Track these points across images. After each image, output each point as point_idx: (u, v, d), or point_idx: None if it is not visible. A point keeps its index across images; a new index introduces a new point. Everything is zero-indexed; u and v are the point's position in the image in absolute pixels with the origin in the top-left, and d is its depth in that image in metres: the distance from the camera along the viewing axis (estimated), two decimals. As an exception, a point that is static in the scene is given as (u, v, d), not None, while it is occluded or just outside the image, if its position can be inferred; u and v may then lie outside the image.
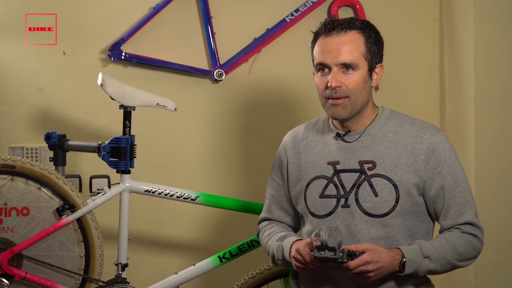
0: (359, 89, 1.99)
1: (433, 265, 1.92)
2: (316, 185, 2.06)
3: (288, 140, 2.19)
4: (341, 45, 1.97)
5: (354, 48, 1.97)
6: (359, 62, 1.98)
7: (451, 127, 3.02)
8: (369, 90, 2.03)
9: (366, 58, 1.99)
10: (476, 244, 1.99)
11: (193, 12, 2.98)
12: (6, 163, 2.43)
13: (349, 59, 1.97)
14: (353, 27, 1.99)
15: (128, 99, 2.47)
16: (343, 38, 1.98)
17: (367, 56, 1.99)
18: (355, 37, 1.98)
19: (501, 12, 2.79)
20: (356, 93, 1.98)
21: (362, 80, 1.99)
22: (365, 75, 2.00)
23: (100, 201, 2.47)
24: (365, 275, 1.86)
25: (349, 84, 1.97)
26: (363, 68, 1.99)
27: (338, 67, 1.97)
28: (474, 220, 1.99)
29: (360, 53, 1.98)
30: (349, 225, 2.00)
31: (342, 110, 2.00)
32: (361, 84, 1.99)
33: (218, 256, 2.54)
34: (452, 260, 1.94)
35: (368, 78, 2.01)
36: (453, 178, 1.99)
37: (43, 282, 2.42)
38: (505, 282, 2.81)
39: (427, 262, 1.91)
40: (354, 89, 1.98)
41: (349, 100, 1.99)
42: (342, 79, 1.97)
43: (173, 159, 3.02)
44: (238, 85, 3.02)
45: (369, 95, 2.04)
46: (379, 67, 2.05)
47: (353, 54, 1.97)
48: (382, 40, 2.06)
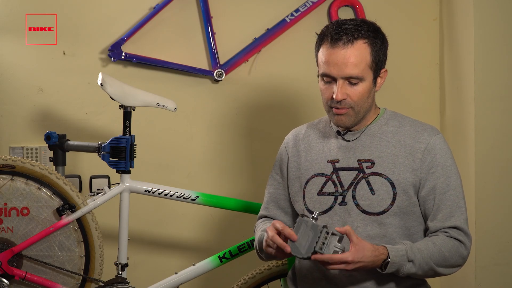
0: (364, 99, 1.99)
1: (414, 269, 1.91)
2: (315, 182, 2.06)
3: (290, 138, 2.20)
4: (347, 58, 1.94)
5: (360, 60, 1.95)
6: (364, 74, 1.97)
7: (451, 127, 3.02)
8: (373, 97, 2.03)
9: (372, 68, 1.98)
10: (462, 252, 1.97)
11: (193, 12, 2.98)
12: (6, 163, 2.43)
13: (355, 73, 1.95)
14: (359, 37, 1.96)
15: (128, 99, 2.47)
16: (349, 51, 1.95)
17: (372, 65, 1.98)
18: (361, 48, 1.96)
19: (501, 12, 2.79)
20: (360, 103, 1.99)
21: (367, 90, 1.98)
22: (370, 84, 1.99)
23: (100, 201, 2.47)
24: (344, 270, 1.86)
25: (354, 96, 1.97)
26: (368, 78, 1.98)
27: (344, 80, 1.96)
28: (462, 225, 1.97)
29: (366, 65, 1.96)
30: (345, 223, 2.00)
31: (345, 119, 2.00)
32: (366, 94, 1.99)
33: (218, 256, 2.54)
34: (434, 267, 1.93)
35: (373, 86, 2.01)
36: (446, 180, 1.99)
37: (43, 282, 2.42)
38: (505, 282, 2.81)
39: (409, 265, 1.91)
40: (359, 101, 1.98)
41: (353, 110, 1.99)
42: (347, 91, 1.97)
43: (173, 159, 3.02)
44: (238, 85, 3.02)
45: (372, 101, 2.04)
46: (383, 72, 2.04)
47: (359, 67, 1.95)
48: (387, 45, 2.04)
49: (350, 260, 1.83)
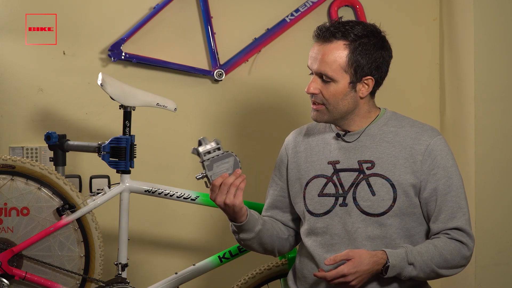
0: (336, 100, 1.99)
1: (416, 272, 1.92)
2: (316, 183, 2.06)
3: (290, 140, 2.20)
4: (321, 54, 1.97)
5: (332, 60, 1.96)
6: (336, 75, 1.96)
7: (451, 127, 3.02)
8: (353, 100, 2.00)
9: (347, 71, 1.96)
10: (465, 253, 1.97)
11: (193, 12, 2.98)
12: (6, 163, 2.43)
13: (323, 70, 1.96)
14: (341, 37, 1.95)
15: (128, 99, 2.47)
16: (325, 47, 1.97)
17: (348, 69, 1.96)
18: (338, 48, 1.96)
19: (501, 12, 2.79)
20: (332, 103, 1.99)
21: (339, 92, 1.98)
22: (344, 87, 1.98)
23: (100, 201, 2.48)
24: (348, 285, 1.87)
25: (325, 93, 1.99)
26: (341, 80, 1.97)
27: (317, 75, 1.99)
28: (464, 226, 1.98)
29: (338, 66, 1.96)
30: (346, 224, 2.00)
31: (318, 115, 2.03)
32: (339, 96, 1.98)
33: (218, 256, 2.54)
34: (436, 269, 1.94)
35: (350, 90, 1.99)
36: (447, 182, 1.99)
37: (43, 282, 2.42)
38: (505, 282, 2.81)
39: (410, 268, 1.91)
40: (330, 99, 1.99)
41: (326, 107, 2.00)
42: (319, 86, 1.99)
43: (173, 159, 3.02)
44: (238, 85, 3.02)
45: (354, 104, 2.01)
46: (368, 80, 2.00)
47: (331, 66, 1.96)
48: (380, 52, 1.99)
49: (346, 272, 1.85)
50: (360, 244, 1.98)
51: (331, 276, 1.87)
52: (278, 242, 2.14)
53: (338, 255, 1.89)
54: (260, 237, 2.06)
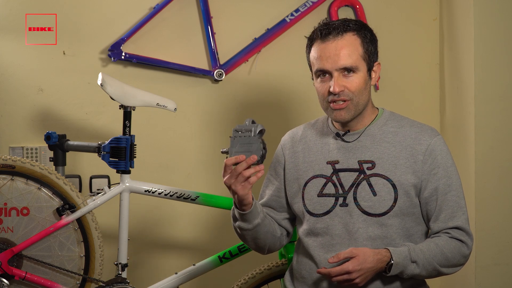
0: (361, 91, 2.00)
1: (418, 270, 1.93)
2: (315, 184, 2.06)
3: (286, 140, 2.19)
4: (339, 49, 1.97)
5: (352, 51, 1.98)
6: (358, 64, 1.98)
7: (451, 127, 3.02)
8: (369, 90, 2.04)
9: (365, 59, 2.00)
10: (464, 252, 1.99)
11: (193, 12, 2.98)
12: (6, 163, 2.43)
13: (349, 63, 1.97)
14: (348, 29, 1.99)
15: (128, 99, 2.48)
16: (340, 42, 1.98)
17: (365, 56, 2.00)
18: (352, 39, 1.99)
19: (501, 12, 2.79)
20: (358, 95, 1.99)
21: (363, 81, 1.99)
22: (365, 76, 2.01)
23: (100, 201, 2.48)
24: (351, 283, 1.88)
25: (351, 87, 1.98)
26: (362, 69, 2.00)
27: (339, 71, 1.98)
28: (464, 225, 1.99)
29: (358, 55, 1.99)
30: (346, 224, 2.00)
31: (345, 113, 2.00)
32: (363, 86, 2.00)
33: (218, 256, 2.54)
34: (437, 267, 1.95)
35: (368, 78, 2.03)
36: (447, 181, 2.00)
37: (43, 282, 2.43)
38: (505, 282, 2.81)
39: (413, 266, 1.92)
40: (356, 91, 1.99)
41: (351, 102, 1.99)
42: (344, 82, 1.98)
43: (173, 159, 3.02)
44: (238, 85, 3.02)
45: (369, 95, 2.05)
46: (376, 65, 2.05)
47: (352, 57, 1.97)
48: (376, 38, 2.06)
49: (351, 269, 1.86)
50: (360, 245, 1.97)
51: (336, 272, 1.87)
52: (271, 239, 2.13)
53: (342, 253, 1.89)
54: (257, 231, 2.06)
